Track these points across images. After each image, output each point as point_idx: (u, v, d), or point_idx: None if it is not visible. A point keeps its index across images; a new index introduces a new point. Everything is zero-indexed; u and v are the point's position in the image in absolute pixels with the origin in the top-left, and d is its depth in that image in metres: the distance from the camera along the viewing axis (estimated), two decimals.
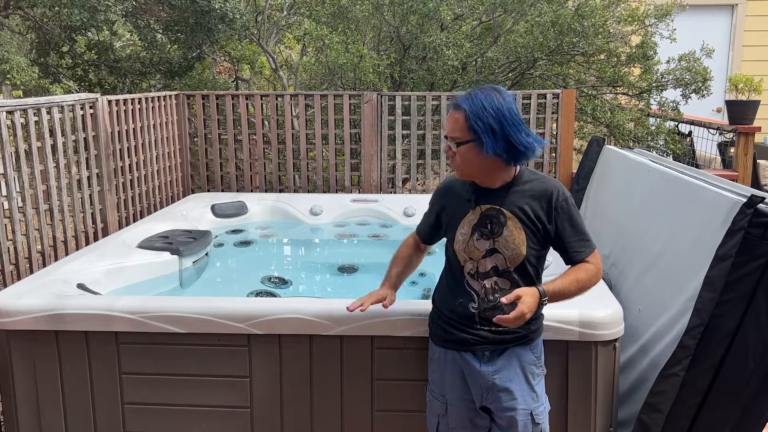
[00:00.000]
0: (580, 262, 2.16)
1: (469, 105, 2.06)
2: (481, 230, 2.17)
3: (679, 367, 2.34)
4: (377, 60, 6.17)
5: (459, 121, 2.08)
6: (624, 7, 6.61)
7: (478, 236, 2.17)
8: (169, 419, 2.81)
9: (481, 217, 2.17)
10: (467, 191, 2.22)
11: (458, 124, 2.08)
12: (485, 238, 2.16)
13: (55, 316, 2.74)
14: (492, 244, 2.15)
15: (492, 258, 2.16)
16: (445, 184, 2.38)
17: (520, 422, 2.18)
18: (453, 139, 2.10)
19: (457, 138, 2.09)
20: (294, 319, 2.69)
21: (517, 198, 2.15)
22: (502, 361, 2.20)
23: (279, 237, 5.03)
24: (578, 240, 2.15)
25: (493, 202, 2.17)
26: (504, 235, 2.14)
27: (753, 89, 6.11)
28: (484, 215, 2.17)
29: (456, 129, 2.09)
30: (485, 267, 2.17)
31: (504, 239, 2.14)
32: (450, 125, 2.10)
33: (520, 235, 2.13)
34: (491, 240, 2.15)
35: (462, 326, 2.22)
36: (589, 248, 2.17)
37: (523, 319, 2.00)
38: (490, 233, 2.15)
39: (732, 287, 2.25)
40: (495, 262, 2.16)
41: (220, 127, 5.62)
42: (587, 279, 2.14)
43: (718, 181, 2.73)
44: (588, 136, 6.45)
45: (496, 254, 2.15)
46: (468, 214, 2.20)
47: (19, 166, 3.55)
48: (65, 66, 7.31)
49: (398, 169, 5.50)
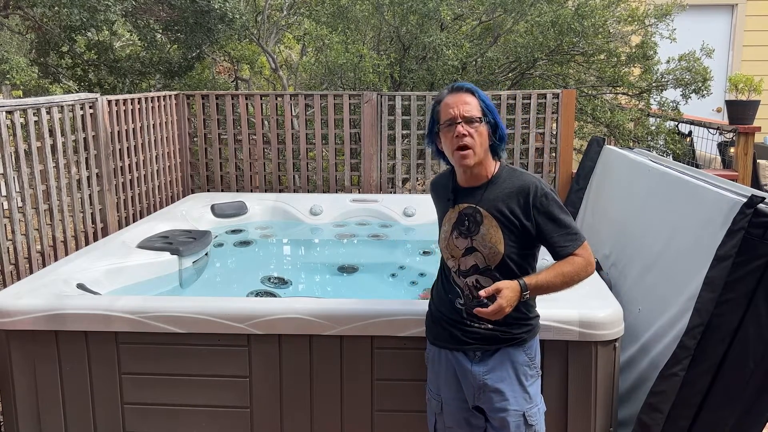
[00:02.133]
0: (568, 256, 2.10)
1: (475, 89, 2.13)
2: (459, 228, 2.19)
3: (679, 367, 2.34)
4: (377, 60, 6.17)
5: (473, 102, 2.11)
6: (624, 7, 6.61)
7: (457, 234, 2.19)
8: (169, 419, 2.81)
9: (459, 216, 2.20)
10: (448, 190, 2.25)
11: (473, 105, 2.11)
12: (463, 237, 2.18)
13: (55, 316, 2.74)
14: (470, 243, 2.17)
15: (471, 256, 2.17)
16: (432, 182, 2.42)
17: (512, 423, 2.17)
18: (471, 117, 2.09)
19: (476, 116, 2.10)
20: (294, 319, 2.69)
21: (493, 196, 2.15)
22: (493, 362, 2.20)
23: (279, 237, 5.03)
24: (563, 234, 2.09)
25: (470, 200, 2.18)
26: (481, 234, 2.15)
27: (753, 89, 6.10)
28: (462, 213, 2.19)
29: (473, 108, 2.10)
30: (466, 265, 2.19)
31: (481, 237, 2.15)
32: (463, 106, 2.10)
33: (496, 233, 2.13)
34: (469, 238, 2.17)
35: (452, 323, 2.23)
36: (577, 241, 2.10)
37: (502, 312, 1.98)
38: (467, 232, 2.17)
39: (732, 287, 2.25)
40: (474, 260, 2.17)
41: (219, 127, 5.62)
42: (574, 272, 2.07)
43: (718, 181, 2.73)
44: (588, 136, 6.44)
45: (474, 252, 2.16)
46: (448, 212, 2.24)
47: (18, 166, 3.55)
48: (65, 66, 7.31)
49: (398, 169, 5.49)
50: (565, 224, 2.11)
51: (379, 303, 2.76)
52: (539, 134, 5.31)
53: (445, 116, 2.13)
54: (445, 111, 2.14)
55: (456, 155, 2.12)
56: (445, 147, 2.17)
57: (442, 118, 2.14)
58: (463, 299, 2.21)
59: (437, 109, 2.18)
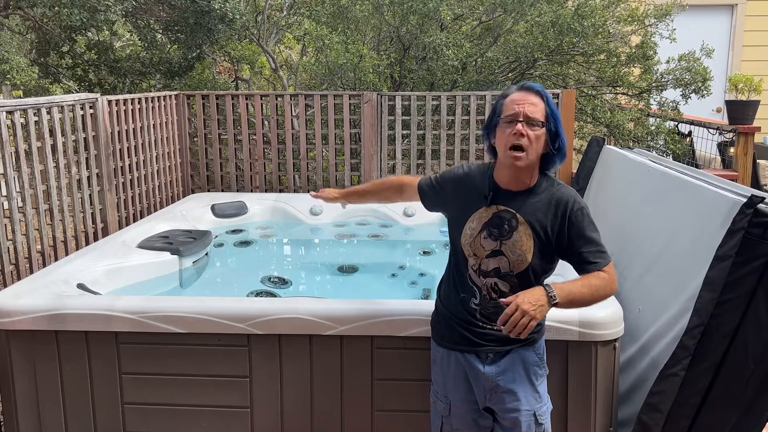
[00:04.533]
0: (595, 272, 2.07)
1: (545, 93, 2.09)
2: (491, 230, 2.14)
3: (679, 367, 2.34)
4: (377, 60, 6.17)
5: (540, 105, 2.07)
6: (624, 7, 6.61)
7: (486, 235, 2.14)
8: (169, 419, 2.81)
9: (493, 217, 2.14)
10: (486, 186, 2.17)
11: (539, 108, 2.06)
12: (493, 239, 2.13)
13: (55, 316, 2.74)
14: (498, 246, 2.13)
15: (496, 259, 2.13)
16: (465, 170, 2.28)
17: (524, 423, 2.18)
18: (534, 119, 2.05)
19: (538, 120, 2.06)
20: (294, 319, 2.69)
21: (532, 205, 2.11)
22: (505, 363, 2.19)
23: (279, 237, 5.03)
24: (593, 251, 2.07)
25: (509, 204, 2.13)
26: (513, 239, 2.11)
27: (753, 89, 6.11)
28: (497, 215, 2.14)
29: (537, 111, 2.06)
30: (487, 266, 2.15)
31: (512, 243, 2.11)
32: (530, 106, 2.05)
33: (528, 242, 2.10)
34: (498, 241, 2.12)
35: (464, 324, 2.20)
36: (606, 259, 2.08)
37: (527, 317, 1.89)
38: (498, 235, 2.12)
39: (732, 287, 2.25)
40: (498, 263, 2.13)
41: (220, 127, 5.62)
42: (601, 286, 2.03)
43: (718, 181, 2.73)
44: (588, 136, 6.44)
45: (500, 256, 2.13)
46: (480, 209, 2.16)
47: (19, 166, 3.55)
48: (65, 66, 7.32)
49: (398, 169, 5.49)
50: (596, 241, 2.10)
51: (379, 303, 2.75)
52: None
53: (509, 111, 2.08)
54: (509, 106, 2.08)
55: (508, 153, 2.07)
56: (498, 141, 2.11)
57: (505, 112, 2.09)
58: (479, 299, 2.17)
59: (501, 102, 2.12)
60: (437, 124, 5.52)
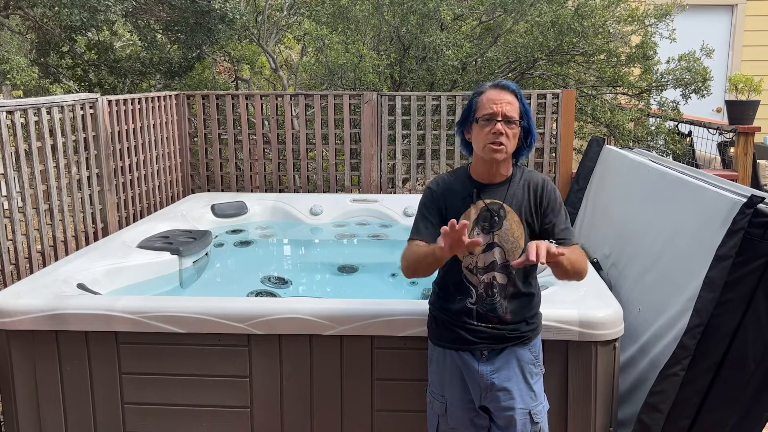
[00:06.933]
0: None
1: (518, 91, 2.18)
2: (482, 224, 2.20)
3: (679, 367, 2.34)
4: (377, 60, 6.17)
5: (515, 103, 2.16)
6: (624, 7, 6.61)
7: (479, 231, 2.20)
8: (169, 419, 2.81)
9: (481, 212, 2.20)
10: (466, 188, 2.24)
11: (515, 107, 2.15)
12: (485, 233, 2.19)
13: (55, 316, 2.74)
14: (492, 238, 2.19)
15: (492, 252, 2.19)
16: (440, 184, 2.29)
17: (519, 422, 2.19)
18: (511, 118, 2.13)
19: (515, 118, 2.15)
20: (294, 319, 2.69)
21: (514, 192, 2.21)
22: (500, 361, 2.21)
23: (279, 237, 5.03)
24: (564, 229, 2.22)
25: (493, 196, 2.21)
26: (504, 229, 2.19)
27: (753, 89, 6.10)
28: (485, 210, 2.20)
29: (514, 110, 2.15)
30: (485, 261, 2.20)
31: (504, 232, 2.18)
32: (507, 106, 2.13)
33: (518, 228, 2.19)
34: (491, 234, 2.19)
35: (458, 323, 2.23)
36: (574, 237, 2.24)
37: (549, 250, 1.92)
38: (489, 227, 2.19)
39: (732, 287, 2.25)
40: (494, 256, 2.19)
41: (220, 127, 5.62)
42: (582, 259, 2.18)
43: (718, 181, 2.73)
44: (588, 136, 6.45)
45: (496, 248, 2.19)
46: (468, 209, 2.22)
47: (19, 166, 3.55)
48: (65, 66, 7.32)
49: (398, 169, 5.50)
50: (566, 219, 2.25)
51: (379, 303, 2.76)
52: (539, 134, 5.31)
53: (486, 110, 2.14)
54: (486, 105, 2.14)
55: (488, 148, 2.14)
56: (477, 138, 2.18)
57: (482, 111, 2.15)
58: (474, 298, 2.21)
59: (477, 99, 2.19)
60: (437, 124, 5.52)
